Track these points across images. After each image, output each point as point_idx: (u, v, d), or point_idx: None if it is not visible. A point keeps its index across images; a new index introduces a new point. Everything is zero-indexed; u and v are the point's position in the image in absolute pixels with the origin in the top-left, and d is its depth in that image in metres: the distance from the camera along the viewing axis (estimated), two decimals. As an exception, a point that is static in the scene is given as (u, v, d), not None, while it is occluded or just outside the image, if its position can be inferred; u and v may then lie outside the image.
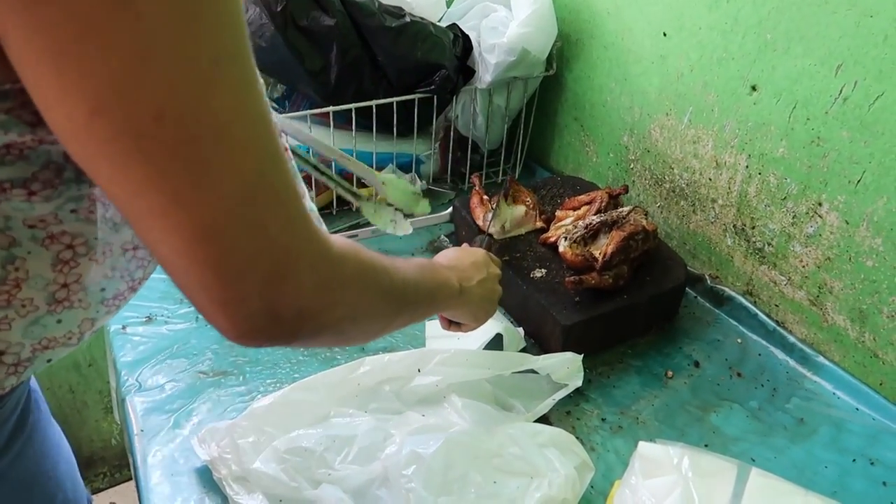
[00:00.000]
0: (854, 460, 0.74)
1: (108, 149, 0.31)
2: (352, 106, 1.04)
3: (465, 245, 0.80)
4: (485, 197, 1.00)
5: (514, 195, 0.99)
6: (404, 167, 1.17)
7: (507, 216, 0.97)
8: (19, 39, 0.29)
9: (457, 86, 1.09)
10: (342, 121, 1.07)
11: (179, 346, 0.84)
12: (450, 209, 1.06)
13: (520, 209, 0.98)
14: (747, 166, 0.91)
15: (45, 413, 0.61)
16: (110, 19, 0.29)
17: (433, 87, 1.06)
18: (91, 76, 0.29)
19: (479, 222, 0.98)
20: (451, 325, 0.74)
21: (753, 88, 0.87)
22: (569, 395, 0.79)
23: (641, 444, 0.62)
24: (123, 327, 0.86)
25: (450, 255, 0.71)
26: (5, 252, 0.41)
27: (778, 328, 0.91)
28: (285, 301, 0.38)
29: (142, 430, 0.72)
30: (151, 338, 0.85)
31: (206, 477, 0.67)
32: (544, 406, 0.77)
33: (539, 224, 0.98)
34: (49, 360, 0.49)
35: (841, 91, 0.77)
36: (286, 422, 0.69)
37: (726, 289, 0.98)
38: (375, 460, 0.66)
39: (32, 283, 0.43)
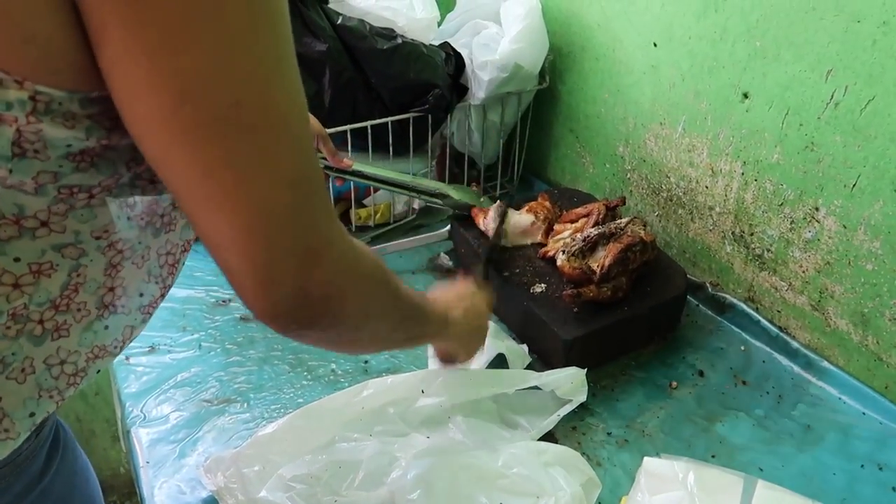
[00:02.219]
0: (862, 466, 0.74)
1: (189, 134, 0.35)
2: (347, 127, 1.04)
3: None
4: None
5: (532, 206, 1.00)
6: (402, 186, 1.17)
7: (509, 221, 0.98)
8: (117, 34, 0.34)
9: (451, 104, 1.10)
10: (338, 142, 1.07)
11: (183, 374, 0.84)
12: (448, 226, 1.06)
13: (526, 218, 0.98)
14: (743, 173, 0.91)
15: (70, 433, 0.63)
16: (203, 19, 0.34)
17: (427, 106, 1.07)
18: (182, 68, 0.34)
19: (481, 227, 1.00)
20: (445, 362, 0.76)
21: (745, 96, 0.88)
22: (574, 410, 0.79)
23: (646, 459, 0.62)
24: (127, 358, 0.86)
25: (436, 290, 0.72)
26: (74, 262, 0.44)
27: (781, 334, 0.91)
28: (315, 283, 0.41)
29: (147, 462, 0.72)
30: (155, 367, 0.85)
31: (214, 506, 0.67)
32: (549, 423, 0.77)
33: (541, 239, 0.98)
34: (98, 371, 0.51)
35: (832, 96, 0.77)
36: (291, 449, 0.69)
37: (727, 296, 0.97)
38: (382, 485, 0.66)
39: (87, 287, 0.46)
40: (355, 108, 1.05)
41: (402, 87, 1.06)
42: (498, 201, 1.01)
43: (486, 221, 0.99)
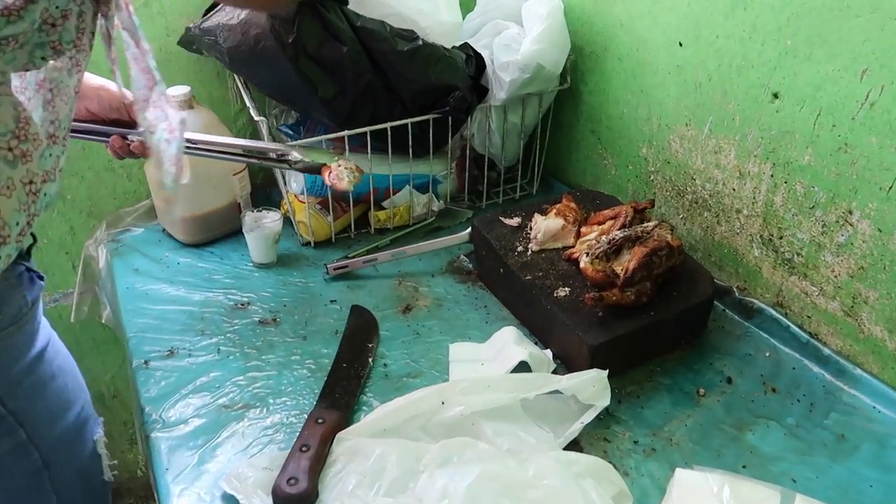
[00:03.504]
0: (900, 478, 0.72)
1: None
2: (366, 129, 1.03)
3: None
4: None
5: (560, 209, 0.98)
6: (421, 188, 1.16)
7: (541, 227, 0.96)
8: None
9: (471, 106, 1.08)
10: (357, 143, 1.06)
11: (202, 379, 0.83)
12: (469, 229, 1.05)
13: (556, 222, 0.96)
14: (772, 175, 0.89)
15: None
16: None
17: (448, 108, 1.05)
18: None
19: (327, 182, 0.91)
20: None
21: (775, 96, 0.85)
22: (599, 417, 0.77)
23: (679, 471, 0.60)
24: (146, 362, 0.86)
25: None
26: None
27: (812, 340, 0.88)
28: None
29: (167, 469, 0.71)
30: (174, 372, 0.85)
31: (235, 515, 0.66)
32: (574, 430, 0.75)
33: (572, 241, 0.97)
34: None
35: (867, 96, 0.75)
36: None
37: (755, 301, 0.95)
38: (408, 492, 0.64)
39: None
40: (375, 111, 1.03)
41: (423, 90, 1.04)
42: (355, 164, 0.91)
43: (331, 177, 0.89)
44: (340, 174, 0.87)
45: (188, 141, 0.88)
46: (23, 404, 0.68)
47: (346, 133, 1.02)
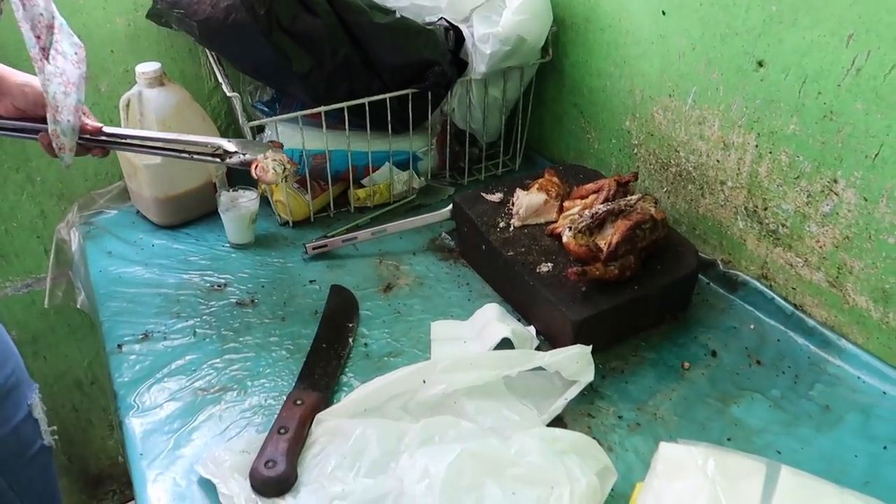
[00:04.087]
0: (885, 447, 0.71)
1: None
2: (344, 105, 1.00)
3: None
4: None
5: (542, 184, 0.96)
6: (401, 165, 1.14)
7: (523, 203, 0.94)
8: None
9: (451, 81, 1.06)
10: (335, 120, 1.03)
11: (178, 362, 0.81)
12: (450, 206, 1.03)
13: (538, 197, 0.94)
14: (757, 145, 0.87)
15: None
16: None
17: (427, 84, 1.03)
18: None
19: (253, 176, 0.86)
20: None
21: (760, 64, 0.84)
22: (583, 393, 0.76)
23: (663, 444, 0.59)
24: (119, 346, 0.84)
25: None
26: None
27: (796, 312, 0.88)
28: None
29: (142, 454, 0.69)
30: (148, 356, 0.82)
31: (212, 499, 0.64)
32: (558, 406, 0.74)
33: (555, 216, 0.95)
34: None
35: (853, 62, 0.73)
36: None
37: (740, 273, 0.94)
38: (389, 473, 0.63)
39: None
40: (352, 85, 1.01)
41: (402, 65, 1.01)
42: (288, 158, 0.86)
43: (257, 170, 0.84)
44: (266, 167, 0.84)
45: (117, 136, 0.85)
46: None
47: (322, 109, 1.00)
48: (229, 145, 0.86)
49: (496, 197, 1.01)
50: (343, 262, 1.02)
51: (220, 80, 1.04)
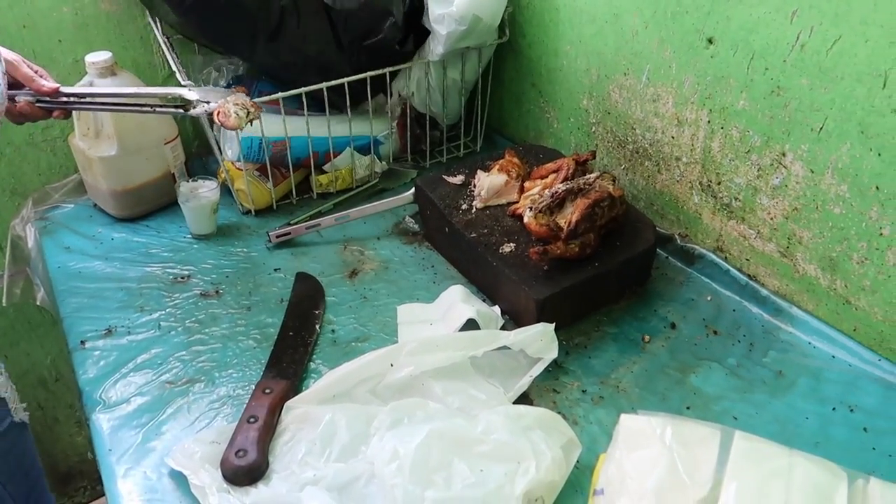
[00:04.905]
0: (834, 409, 0.75)
1: None
2: (301, 90, 1.00)
3: None
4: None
5: (503, 165, 0.97)
6: (363, 149, 1.14)
7: (484, 184, 0.95)
8: None
9: (406, 39, 1.05)
10: (294, 106, 1.03)
11: (143, 356, 0.81)
12: (412, 189, 1.03)
13: (499, 178, 0.95)
14: (709, 121, 0.89)
15: None
16: None
17: (381, 36, 1.02)
18: None
19: (216, 122, 0.87)
20: None
21: (710, 41, 0.86)
22: (547, 369, 0.78)
23: (623, 416, 0.61)
24: (82, 343, 0.83)
25: None
26: None
27: (750, 282, 0.91)
28: None
29: (110, 450, 0.69)
30: (112, 351, 0.82)
31: (185, 491, 0.65)
32: (523, 384, 0.75)
33: (516, 197, 0.96)
34: None
35: (798, 38, 0.76)
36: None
37: (696, 247, 0.97)
38: (359, 456, 0.64)
39: None
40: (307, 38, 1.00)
41: (356, 8, 1.01)
42: (251, 102, 0.85)
43: (220, 116, 0.83)
44: (227, 111, 0.81)
45: (76, 95, 0.83)
46: None
47: (280, 95, 0.99)
48: (190, 94, 0.84)
49: (458, 179, 1.01)
50: (307, 249, 1.02)
51: (175, 68, 1.02)
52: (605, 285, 0.89)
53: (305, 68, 1.04)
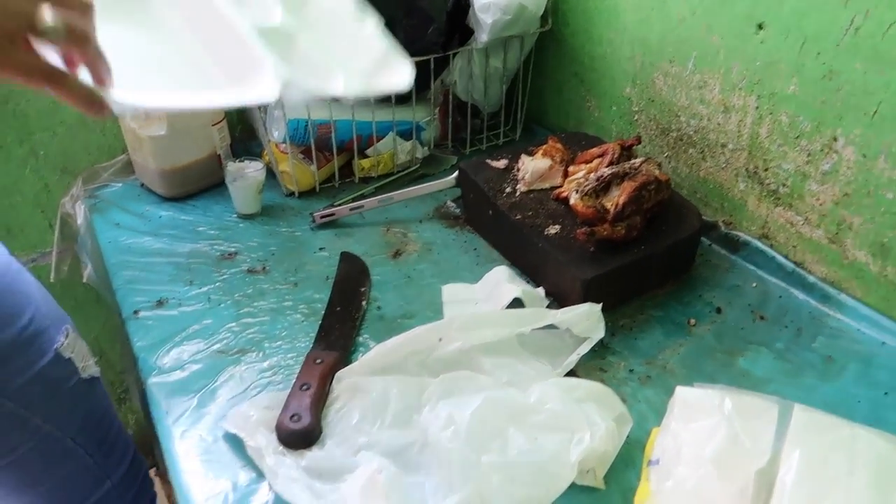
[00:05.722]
0: (886, 393, 0.74)
1: None
2: (348, 74, 1.01)
3: None
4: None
5: (547, 150, 0.98)
6: (405, 135, 1.15)
7: (528, 168, 0.96)
8: None
9: (448, 42, 1.06)
10: (339, 90, 1.04)
11: (194, 327, 0.82)
12: (455, 173, 1.04)
13: (544, 162, 0.96)
14: (757, 107, 0.89)
15: None
16: None
17: (424, 42, 1.03)
18: None
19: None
20: None
21: (760, 27, 0.85)
22: (593, 349, 0.78)
23: (679, 388, 0.61)
24: (136, 312, 0.85)
25: None
26: None
27: (797, 269, 0.90)
28: None
29: (166, 413, 0.71)
30: (165, 321, 0.83)
31: (239, 453, 0.66)
32: (570, 362, 0.76)
33: (560, 181, 0.96)
34: None
35: (852, 21, 0.75)
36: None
37: (741, 234, 0.97)
38: (412, 424, 0.65)
39: None
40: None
41: (401, 15, 1.02)
42: None
43: None
44: None
45: None
46: None
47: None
48: None
49: (501, 163, 1.02)
50: (350, 230, 1.03)
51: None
52: (649, 269, 0.89)
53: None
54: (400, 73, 0.71)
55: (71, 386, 0.76)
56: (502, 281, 0.88)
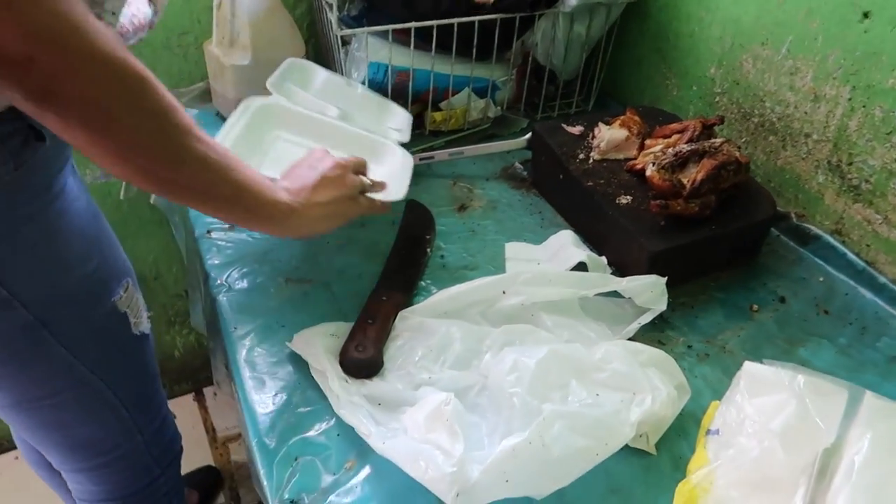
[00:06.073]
0: (950, 399, 0.73)
1: None
2: (433, 23, 1.01)
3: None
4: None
5: (624, 121, 0.97)
6: (480, 92, 1.14)
7: (605, 136, 0.95)
8: None
9: (536, 2, 1.05)
10: (420, 39, 1.04)
11: (264, 252, 0.85)
12: (528, 135, 1.04)
13: (621, 133, 0.95)
14: (850, 99, 0.87)
15: None
16: None
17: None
18: None
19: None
20: None
21: (865, 15, 0.83)
22: (653, 322, 0.78)
23: (747, 363, 0.61)
24: (209, 231, 0.87)
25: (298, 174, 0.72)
26: None
27: (868, 268, 0.88)
28: (7, 30, 0.39)
29: (235, 328, 0.73)
30: (236, 244, 0.86)
31: (304, 373, 0.68)
32: (630, 329, 0.76)
33: (634, 153, 0.96)
34: None
35: (969, 17, 0.73)
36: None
37: (812, 227, 0.95)
38: (473, 367, 0.66)
39: None
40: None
41: None
42: None
43: None
44: None
45: None
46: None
47: (413, 25, 1.00)
48: None
49: (576, 129, 1.01)
50: (418, 180, 1.03)
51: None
52: (717, 249, 0.88)
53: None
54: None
55: (122, 340, 0.76)
56: (567, 244, 0.88)
